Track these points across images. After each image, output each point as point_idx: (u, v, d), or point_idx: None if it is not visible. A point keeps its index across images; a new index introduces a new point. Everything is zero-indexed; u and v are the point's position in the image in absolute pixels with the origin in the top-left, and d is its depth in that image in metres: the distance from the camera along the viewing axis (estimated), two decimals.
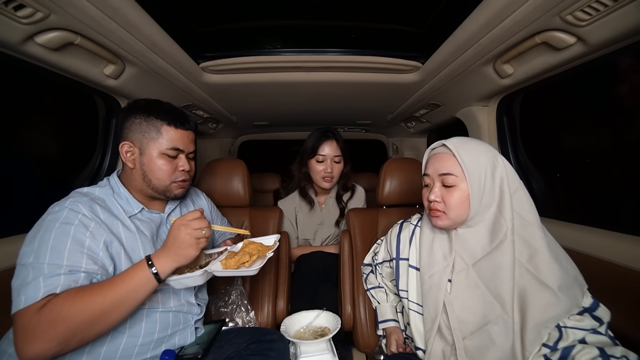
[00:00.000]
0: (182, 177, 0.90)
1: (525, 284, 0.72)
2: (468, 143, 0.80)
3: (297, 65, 1.26)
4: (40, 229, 0.72)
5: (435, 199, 0.80)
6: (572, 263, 0.75)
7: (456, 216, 0.79)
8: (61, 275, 0.67)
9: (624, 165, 1.11)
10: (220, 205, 1.30)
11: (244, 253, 0.90)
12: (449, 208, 0.79)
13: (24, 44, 0.78)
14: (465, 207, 0.78)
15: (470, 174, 0.76)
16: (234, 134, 2.54)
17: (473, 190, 0.76)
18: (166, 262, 0.74)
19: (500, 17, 0.81)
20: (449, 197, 0.78)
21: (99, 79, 1.03)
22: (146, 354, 0.80)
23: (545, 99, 1.39)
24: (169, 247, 0.75)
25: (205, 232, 0.77)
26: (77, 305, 0.65)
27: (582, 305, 0.70)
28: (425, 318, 0.83)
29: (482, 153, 0.78)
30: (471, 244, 0.80)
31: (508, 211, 0.75)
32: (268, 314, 1.25)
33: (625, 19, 0.71)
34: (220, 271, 0.85)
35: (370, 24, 1.13)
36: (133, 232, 0.83)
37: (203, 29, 1.10)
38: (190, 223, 0.76)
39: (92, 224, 0.75)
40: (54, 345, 0.63)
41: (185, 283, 0.82)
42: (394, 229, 1.04)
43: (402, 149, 2.60)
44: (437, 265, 0.83)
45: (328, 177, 1.53)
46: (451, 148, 0.79)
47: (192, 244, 0.75)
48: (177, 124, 0.87)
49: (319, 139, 1.53)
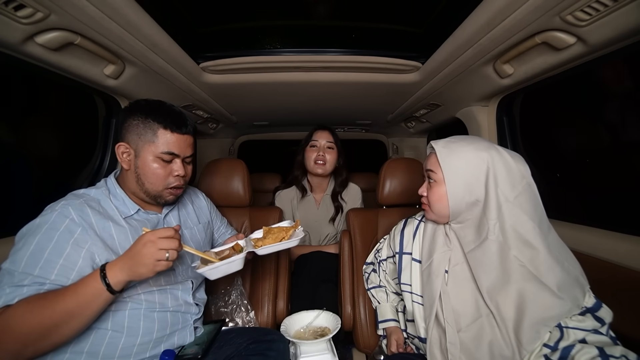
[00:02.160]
0: (175, 183, 0.89)
1: (525, 284, 0.72)
2: (457, 143, 0.82)
3: (297, 65, 1.26)
4: (28, 230, 0.72)
5: (421, 193, 0.88)
6: (574, 263, 0.75)
7: (437, 210, 0.84)
8: (24, 287, 0.67)
9: (624, 165, 1.11)
10: (220, 205, 1.30)
11: (275, 232, 0.97)
12: (430, 202, 0.85)
13: (24, 44, 0.78)
14: (444, 204, 0.81)
15: (448, 174, 0.79)
16: (233, 134, 2.54)
17: (450, 189, 0.80)
18: (119, 272, 0.69)
19: (500, 17, 0.81)
20: (430, 192, 0.85)
21: (99, 79, 1.03)
22: (145, 354, 0.80)
23: (545, 99, 1.39)
24: (127, 257, 0.70)
25: (169, 255, 0.69)
26: (25, 317, 0.63)
27: (584, 306, 0.70)
28: (424, 307, 0.85)
29: (469, 155, 0.79)
30: (462, 240, 0.83)
31: (492, 212, 0.76)
32: (268, 314, 1.25)
33: (625, 19, 0.71)
34: (264, 248, 0.90)
35: (370, 24, 1.13)
36: (126, 231, 0.82)
37: (203, 29, 1.10)
38: (157, 241, 0.69)
39: (79, 230, 0.74)
40: (8, 357, 0.62)
41: (224, 270, 0.83)
42: (397, 226, 1.05)
43: (402, 149, 2.60)
44: (436, 252, 0.86)
45: (321, 162, 1.57)
46: (435, 147, 0.83)
47: (149, 265, 0.68)
48: (174, 128, 0.85)
49: (314, 129, 1.67)
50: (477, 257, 0.78)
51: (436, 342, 0.80)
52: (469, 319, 0.77)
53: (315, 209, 1.66)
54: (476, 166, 0.78)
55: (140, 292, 0.81)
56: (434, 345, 0.80)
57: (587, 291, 0.72)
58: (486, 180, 0.77)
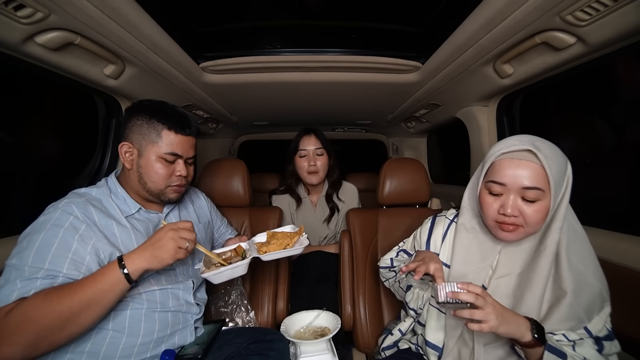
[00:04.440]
0: (177, 182, 0.90)
1: (549, 295, 0.71)
2: (549, 149, 0.68)
3: (297, 65, 1.26)
4: (32, 229, 0.72)
5: (513, 213, 0.68)
6: (600, 276, 0.71)
7: (532, 230, 0.70)
8: (38, 279, 0.67)
9: (624, 165, 1.11)
10: (220, 205, 1.30)
11: (279, 237, 0.96)
12: (528, 224, 0.68)
13: (24, 44, 0.78)
14: (544, 221, 0.69)
15: (556, 189, 0.66)
16: (233, 134, 2.55)
17: (553, 205, 0.67)
18: (138, 260, 0.71)
19: (500, 17, 0.81)
20: (529, 211, 0.67)
21: (99, 79, 1.03)
22: (146, 354, 0.80)
23: (545, 99, 1.39)
24: (147, 245, 0.73)
25: (188, 246, 0.75)
26: (44, 307, 0.63)
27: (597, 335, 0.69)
28: (447, 318, 0.81)
29: (562, 162, 0.68)
30: (518, 254, 0.75)
31: (560, 220, 0.69)
32: (268, 314, 1.26)
33: (625, 19, 0.71)
34: (269, 254, 0.89)
35: (370, 24, 1.13)
36: (128, 230, 0.82)
37: (203, 29, 1.10)
38: (180, 231, 0.74)
39: (83, 227, 0.74)
40: (21, 349, 0.62)
41: (228, 275, 0.83)
42: (425, 224, 0.97)
43: (402, 149, 2.60)
44: (471, 266, 0.79)
45: (313, 172, 1.55)
46: (540, 157, 0.65)
47: (171, 250, 0.73)
48: (178, 129, 0.86)
49: (299, 135, 1.61)
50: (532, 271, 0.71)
51: (454, 355, 0.78)
52: (499, 336, 0.72)
53: (312, 211, 1.66)
54: (567, 176, 0.69)
55: (141, 292, 0.81)
56: (451, 358, 0.78)
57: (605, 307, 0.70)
58: (566, 186, 0.69)
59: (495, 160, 0.72)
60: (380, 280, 1.17)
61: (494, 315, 0.62)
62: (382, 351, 1.01)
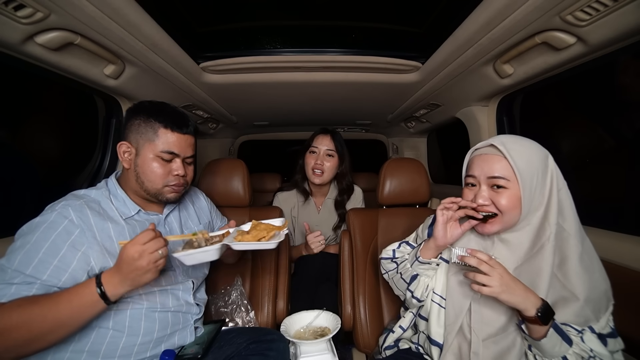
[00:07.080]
0: (175, 182, 0.88)
1: (553, 292, 0.71)
2: (518, 143, 0.75)
3: (297, 65, 1.26)
4: (28, 229, 0.73)
5: (484, 202, 0.75)
6: (604, 276, 0.73)
7: (509, 220, 0.74)
8: (13, 285, 0.67)
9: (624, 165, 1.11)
10: (220, 205, 1.30)
11: (260, 229, 0.90)
12: (503, 212, 0.74)
13: (24, 44, 0.78)
14: (517, 210, 0.73)
15: (523, 177, 0.72)
16: (234, 134, 2.54)
17: (525, 194, 0.72)
18: (120, 286, 0.69)
19: (500, 17, 0.81)
20: (499, 199, 0.74)
21: (99, 79, 1.03)
22: (145, 353, 0.80)
23: (545, 99, 1.39)
24: (125, 273, 0.69)
25: (162, 252, 0.71)
26: (14, 320, 0.62)
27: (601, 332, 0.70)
28: (447, 312, 0.82)
29: (534, 153, 0.74)
30: (514, 249, 0.77)
31: (553, 215, 0.72)
32: (268, 314, 1.25)
33: (625, 19, 0.71)
34: (240, 244, 0.84)
35: (370, 24, 1.13)
36: (125, 233, 0.82)
37: (203, 29, 1.10)
38: (145, 248, 0.69)
39: (77, 232, 0.74)
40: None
41: (199, 258, 0.79)
42: (427, 221, 1.00)
43: (402, 149, 2.60)
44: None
45: (318, 171, 1.53)
46: (502, 149, 0.73)
47: (152, 269, 0.70)
48: (174, 127, 0.86)
49: (316, 133, 1.60)
50: (535, 265, 0.73)
51: (454, 350, 0.79)
52: (497, 329, 0.74)
53: (315, 213, 1.65)
54: (543, 166, 0.73)
55: (141, 293, 0.81)
56: (450, 353, 0.79)
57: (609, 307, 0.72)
58: (550, 181, 0.73)
59: (470, 159, 0.83)
60: (380, 280, 1.17)
61: (498, 283, 0.67)
62: (384, 350, 1.02)
